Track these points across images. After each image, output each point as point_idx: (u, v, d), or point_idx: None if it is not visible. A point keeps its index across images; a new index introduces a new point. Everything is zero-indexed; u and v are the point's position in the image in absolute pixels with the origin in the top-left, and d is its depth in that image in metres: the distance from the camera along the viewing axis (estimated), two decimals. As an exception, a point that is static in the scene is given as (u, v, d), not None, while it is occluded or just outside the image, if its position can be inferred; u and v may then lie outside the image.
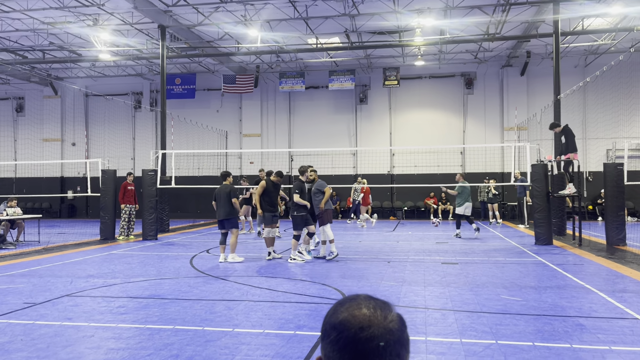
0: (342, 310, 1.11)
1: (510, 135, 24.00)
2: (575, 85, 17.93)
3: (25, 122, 28.61)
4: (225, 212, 10.69)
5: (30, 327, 5.75)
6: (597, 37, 20.73)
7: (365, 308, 1.10)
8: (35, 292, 7.64)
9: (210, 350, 4.90)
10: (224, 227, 10.81)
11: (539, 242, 13.35)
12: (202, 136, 26.06)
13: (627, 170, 13.47)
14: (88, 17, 18.65)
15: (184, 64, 25.59)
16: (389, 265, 10.07)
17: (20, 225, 14.81)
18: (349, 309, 1.10)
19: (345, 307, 1.11)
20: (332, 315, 1.12)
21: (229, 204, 10.67)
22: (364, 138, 25.59)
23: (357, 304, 1.11)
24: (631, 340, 5.12)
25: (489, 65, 24.64)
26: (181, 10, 18.27)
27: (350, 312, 1.09)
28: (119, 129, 27.62)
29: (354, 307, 1.11)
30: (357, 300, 1.13)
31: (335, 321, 1.10)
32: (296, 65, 25.14)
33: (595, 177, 22.31)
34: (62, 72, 26.83)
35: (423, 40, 19.70)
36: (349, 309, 1.11)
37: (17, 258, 11.46)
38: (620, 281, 8.25)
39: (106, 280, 8.62)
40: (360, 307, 1.10)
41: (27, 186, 27.07)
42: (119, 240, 15.19)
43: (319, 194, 11.07)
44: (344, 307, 1.12)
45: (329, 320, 1.12)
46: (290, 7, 17.79)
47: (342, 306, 1.12)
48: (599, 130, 23.16)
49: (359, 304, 1.11)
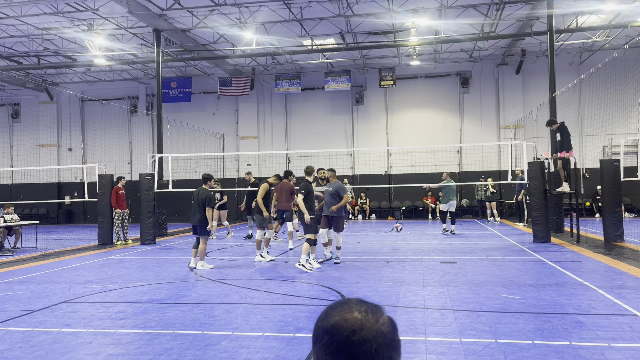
0: (334, 314, 1.11)
1: (506, 133, 24.06)
2: (570, 82, 17.96)
3: (21, 128, 28.55)
4: (198, 219, 10.29)
5: (28, 334, 5.73)
6: (591, 34, 20.80)
7: (357, 311, 1.10)
8: (33, 299, 7.61)
9: (210, 354, 4.89)
10: (196, 233, 10.46)
11: (537, 240, 13.37)
12: (199, 139, 26.04)
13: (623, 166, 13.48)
14: (83, 22, 18.62)
15: (179, 67, 25.57)
16: (388, 266, 10.06)
17: (18, 231, 14.77)
18: (341, 313, 1.11)
19: (337, 311, 1.12)
20: (323, 319, 1.12)
21: (204, 210, 10.25)
22: (360, 138, 25.61)
23: (349, 308, 1.12)
24: (630, 336, 5.13)
25: (485, 64, 24.69)
26: (176, 13, 18.25)
27: (342, 316, 1.10)
28: (115, 134, 27.58)
29: (346, 310, 1.11)
30: (349, 304, 1.13)
31: (327, 325, 1.10)
32: (292, 67, 25.15)
33: (592, 173, 22.35)
34: (57, 77, 26.78)
35: (418, 40, 19.73)
36: (340, 312, 1.11)
37: (15, 265, 11.41)
38: (619, 277, 8.26)
39: (105, 286, 8.59)
40: (352, 311, 1.10)
41: (24, 192, 27.00)
42: (117, 245, 15.16)
43: (337, 196, 10.35)
44: (336, 311, 1.12)
45: (320, 325, 1.12)
46: (285, 9, 17.79)
47: (334, 310, 1.13)
48: (595, 127, 23.22)
49: (350, 307, 1.12)
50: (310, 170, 10.41)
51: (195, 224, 10.39)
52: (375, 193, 24.73)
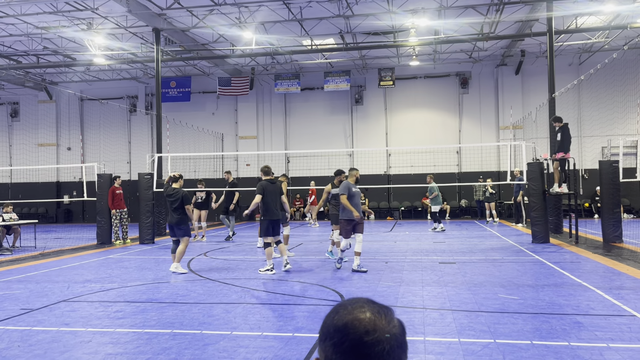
0: (346, 313, 1.11)
1: (505, 134, 24.07)
2: (569, 83, 17.99)
3: (20, 127, 28.52)
4: (177, 219, 9.78)
5: (27, 333, 5.73)
6: (590, 35, 20.81)
7: (370, 312, 1.10)
8: (32, 298, 7.61)
9: (209, 353, 4.88)
10: (174, 235, 9.88)
11: (536, 241, 13.39)
12: (198, 139, 26.03)
13: (622, 167, 13.51)
14: (82, 21, 18.60)
15: (178, 67, 25.56)
16: (387, 266, 10.07)
17: (17, 230, 14.75)
18: (353, 312, 1.11)
19: (349, 310, 1.11)
20: (334, 317, 1.12)
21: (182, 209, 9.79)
22: (360, 139, 25.62)
23: (361, 308, 1.12)
24: (629, 337, 5.14)
25: (484, 65, 24.70)
26: (175, 13, 18.25)
27: (354, 316, 1.10)
28: (114, 133, 27.56)
29: (358, 310, 1.11)
30: (360, 304, 1.13)
31: (339, 323, 1.10)
32: (291, 66, 25.15)
33: (591, 174, 22.38)
34: (56, 76, 26.75)
35: (418, 41, 19.73)
36: (352, 312, 1.11)
37: (14, 264, 11.40)
38: (617, 278, 8.27)
39: (103, 285, 8.59)
40: (365, 311, 1.10)
41: (23, 191, 26.98)
42: (116, 244, 15.14)
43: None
44: (347, 310, 1.12)
45: (331, 322, 1.12)
46: (285, 9, 17.79)
47: (345, 309, 1.12)
48: (594, 128, 23.23)
49: (363, 307, 1.12)
50: (267, 170, 9.80)
51: (174, 224, 9.81)
52: (375, 193, 24.72)
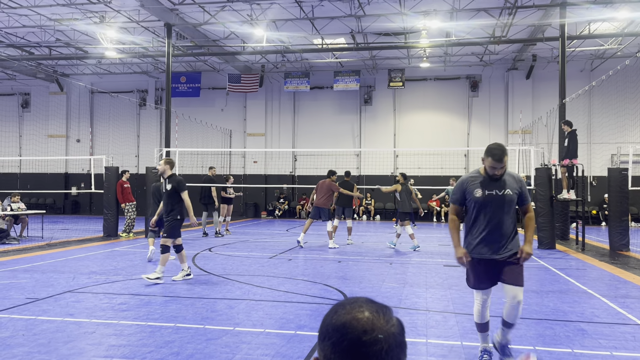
0: (344, 312, 1.11)
1: (514, 138, 23.95)
2: (580, 89, 17.87)
3: (30, 118, 28.71)
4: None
5: (32, 322, 5.77)
6: (603, 42, 20.67)
7: (368, 311, 1.10)
8: (37, 288, 7.67)
9: (211, 348, 4.90)
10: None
11: (541, 247, 13.31)
12: (206, 135, 26.10)
13: (631, 175, 13.42)
14: (95, 14, 18.70)
15: (189, 62, 25.63)
16: (391, 267, 10.06)
17: (24, 220, 14.87)
18: (352, 312, 1.10)
19: (347, 310, 1.11)
20: (333, 316, 1.12)
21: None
22: (368, 139, 25.58)
23: (360, 307, 1.11)
24: (633, 346, 5.10)
25: (495, 68, 24.59)
26: (187, 8, 18.30)
27: (353, 315, 1.09)
28: (123, 126, 27.69)
29: (357, 310, 1.11)
30: (359, 303, 1.13)
31: (337, 323, 1.10)
32: (301, 65, 25.15)
33: (600, 181, 22.22)
34: (68, 68, 26.91)
35: (429, 42, 19.68)
36: (351, 311, 1.10)
37: (20, 253, 11.50)
38: (623, 287, 8.22)
39: (108, 277, 8.64)
40: (363, 311, 1.10)
41: (32, 182, 27.17)
42: (122, 237, 15.22)
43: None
44: (346, 309, 1.12)
45: (330, 322, 1.12)
46: (297, 7, 17.80)
47: (344, 309, 1.12)
48: (603, 135, 23.07)
49: (361, 307, 1.11)
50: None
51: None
52: (381, 194, 24.66)
